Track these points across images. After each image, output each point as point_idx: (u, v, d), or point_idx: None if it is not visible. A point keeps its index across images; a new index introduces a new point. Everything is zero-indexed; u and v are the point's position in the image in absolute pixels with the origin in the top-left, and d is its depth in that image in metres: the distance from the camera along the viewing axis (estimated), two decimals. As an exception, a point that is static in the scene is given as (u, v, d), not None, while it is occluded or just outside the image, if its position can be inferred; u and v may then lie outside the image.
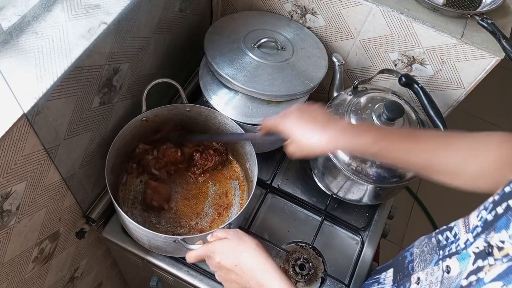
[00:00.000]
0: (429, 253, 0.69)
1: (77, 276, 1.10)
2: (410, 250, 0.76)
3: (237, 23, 1.08)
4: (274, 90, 0.96)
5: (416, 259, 0.72)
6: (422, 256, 0.70)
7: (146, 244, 0.94)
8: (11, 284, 0.83)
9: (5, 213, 0.71)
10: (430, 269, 0.65)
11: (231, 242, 0.71)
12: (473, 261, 0.55)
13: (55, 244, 0.92)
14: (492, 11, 0.98)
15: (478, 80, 1.01)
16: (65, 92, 0.72)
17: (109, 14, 0.77)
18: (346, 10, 1.04)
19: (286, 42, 1.07)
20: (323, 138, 0.72)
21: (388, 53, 1.08)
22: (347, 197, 1.04)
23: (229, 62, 0.99)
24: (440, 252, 0.65)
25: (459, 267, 0.58)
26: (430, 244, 0.69)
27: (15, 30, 0.69)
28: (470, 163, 0.67)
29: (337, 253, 1.05)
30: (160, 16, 0.93)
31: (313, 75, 1.02)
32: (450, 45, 0.98)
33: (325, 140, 0.72)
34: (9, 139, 0.64)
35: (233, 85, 0.97)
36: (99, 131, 0.89)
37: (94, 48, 0.74)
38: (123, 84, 0.90)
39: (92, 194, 0.97)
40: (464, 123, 2.49)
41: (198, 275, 0.97)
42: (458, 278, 0.57)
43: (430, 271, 0.65)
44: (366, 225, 1.09)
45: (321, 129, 0.73)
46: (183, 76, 1.20)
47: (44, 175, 0.77)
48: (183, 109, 1.01)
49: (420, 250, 0.72)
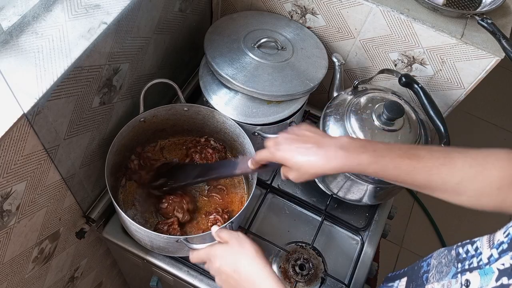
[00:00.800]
0: (447, 265, 0.67)
1: (77, 276, 1.10)
2: (427, 260, 0.74)
3: (237, 23, 1.08)
4: (274, 90, 0.96)
5: (432, 270, 0.70)
6: (439, 268, 0.69)
7: (148, 245, 0.94)
8: (11, 284, 0.83)
9: (5, 213, 0.71)
10: (447, 281, 0.63)
11: (231, 248, 0.72)
12: (496, 278, 0.53)
13: (55, 244, 0.92)
14: (492, 11, 0.98)
15: (478, 80, 1.02)
16: (65, 92, 0.72)
17: (109, 14, 0.77)
18: (346, 10, 1.04)
19: (286, 42, 1.07)
20: (320, 156, 0.70)
21: (388, 53, 1.08)
22: (347, 197, 1.04)
23: (229, 62, 0.99)
24: (458, 265, 0.64)
25: (479, 282, 0.56)
26: (449, 256, 0.68)
27: (15, 30, 0.69)
28: (473, 182, 0.65)
29: (337, 253, 1.05)
30: (160, 16, 0.93)
31: (313, 75, 1.02)
32: (450, 45, 0.98)
33: (322, 157, 0.69)
34: (9, 139, 0.64)
35: (233, 85, 0.97)
36: (99, 131, 0.89)
37: (94, 48, 0.74)
38: (123, 84, 0.90)
39: (92, 194, 0.97)
40: (464, 123, 2.51)
41: (198, 275, 0.97)
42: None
43: (447, 283, 0.63)
44: (366, 225, 1.09)
45: (315, 149, 0.70)
46: (183, 76, 1.20)
47: (44, 175, 0.77)
48: (181, 109, 1.01)
49: (437, 262, 0.70)
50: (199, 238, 0.87)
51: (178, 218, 0.95)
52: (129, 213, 0.97)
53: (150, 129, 1.02)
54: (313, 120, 1.24)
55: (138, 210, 0.98)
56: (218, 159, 1.05)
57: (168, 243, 0.89)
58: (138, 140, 1.01)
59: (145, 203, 0.98)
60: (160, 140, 1.08)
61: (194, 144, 1.06)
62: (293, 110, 1.02)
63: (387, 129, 0.91)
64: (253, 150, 0.96)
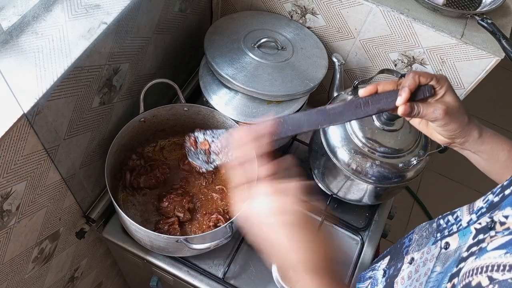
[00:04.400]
0: (427, 237, 0.68)
1: (77, 276, 1.10)
2: (409, 236, 0.75)
3: (237, 23, 1.08)
4: (274, 90, 0.96)
5: (413, 244, 0.71)
6: (420, 241, 0.70)
7: (147, 245, 0.94)
8: (11, 284, 0.83)
9: (5, 213, 0.71)
10: (427, 249, 0.65)
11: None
12: (473, 236, 0.55)
13: (55, 244, 0.92)
14: (492, 11, 0.98)
15: (478, 80, 1.01)
16: (65, 92, 0.72)
17: (109, 14, 0.77)
18: (346, 10, 1.04)
19: (286, 42, 1.07)
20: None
21: (388, 53, 1.08)
22: (347, 197, 1.03)
23: (229, 62, 0.98)
24: (438, 234, 0.65)
25: (458, 242, 0.58)
26: (430, 229, 0.69)
27: (15, 30, 0.69)
28: None
29: (337, 253, 1.04)
30: (160, 16, 0.93)
31: (313, 75, 1.02)
32: (450, 45, 0.98)
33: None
34: (9, 139, 0.64)
35: (233, 85, 0.97)
36: (99, 131, 0.88)
37: (94, 48, 0.74)
38: (123, 84, 0.90)
39: (92, 194, 0.97)
40: (464, 123, 2.50)
41: (198, 275, 0.97)
42: (457, 252, 0.57)
43: (426, 250, 0.65)
44: (366, 225, 1.08)
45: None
46: (183, 76, 1.20)
47: (44, 175, 0.77)
48: (181, 109, 1.01)
49: (419, 236, 0.71)
50: (199, 238, 0.88)
51: (178, 218, 0.95)
52: (129, 213, 0.97)
53: (150, 129, 1.02)
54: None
55: (138, 210, 0.98)
56: None
57: (168, 243, 0.89)
58: (138, 140, 1.01)
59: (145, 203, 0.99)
60: (160, 140, 1.08)
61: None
62: (293, 110, 1.02)
63: (387, 129, 0.91)
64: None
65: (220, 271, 0.98)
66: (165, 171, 1.00)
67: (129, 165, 1.00)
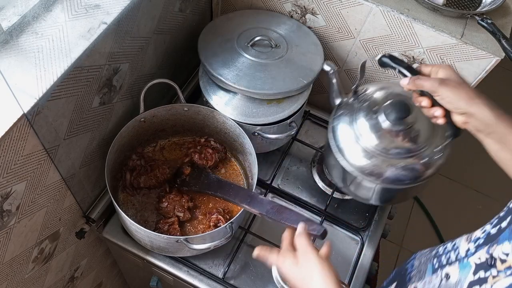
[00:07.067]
0: (424, 263, 0.69)
1: (77, 276, 1.10)
2: (411, 261, 0.76)
3: (232, 22, 1.07)
4: (266, 88, 0.95)
5: (414, 271, 0.72)
6: (420, 267, 0.71)
7: (148, 245, 0.94)
8: (11, 284, 0.83)
9: (5, 213, 0.71)
10: (428, 278, 0.66)
11: (299, 266, 0.69)
12: (473, 272, 0.55)
13: (55, 244, 0.92)
14: (492, 11, 0.98)
15: (478, 80, 1.01)
16: (65, 92, 0.72)
17: (109, 14, 0.77)
18: (346, 10, 1.04)
19: (281, 39, 1.05)
20: None
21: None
22: (356, 192, 0.94)
23: (222, 62, 0.98)
24: (434, 260, 0.66)
25: (458, 275, 0.58)
26: (428, 255, 0.70)
27: (15, 30, 0.69)
28: None
29: (337, 253, 1.05)
30: (160, 16, 0.93)
31: (307, 73, 1.00)
32: (450, 45, 0.98)
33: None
34: (9, 139, 0.64)
35: (225, 85, 0.96)
36: (99, 131, 0.89)
37: (94, 48, 0.74)
38: (123, 84, 0.90)
39: (92, 194, 0.97)
40: (464, 123, 2.50)
41: (198, 275, 0.97)
42: (457, 285, 0.57)
43: (428, 280, 0.66)
44: (366, 225, 1.08)
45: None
46: (183, 76, 1.20)
47: (44, 175, 0.77)
48: (181, 108, 1.01)
49: (418, 262, 0.73)
50: (199, 238, 0.88)
51: (178, 218, 0.95)
52: (129, 213, 0.97)
53: (150, 129, 1.02)
54: (313, 121, 1.24)
55: (138, 210, 0.98)
56: (218, 160, 1.05)
57: (168, 243, 0.89)
58: (138, 140, 1.01)
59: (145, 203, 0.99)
60: (160, 140, 1.08)
61: (194, 144, 1.06)
62: (293, 110, 1.02)
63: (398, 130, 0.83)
64: (253, 150, 0.96)
65: (220, 271, 0.98)
66: (165, 171, 1.00)
67: (129, 165, 1.00)
